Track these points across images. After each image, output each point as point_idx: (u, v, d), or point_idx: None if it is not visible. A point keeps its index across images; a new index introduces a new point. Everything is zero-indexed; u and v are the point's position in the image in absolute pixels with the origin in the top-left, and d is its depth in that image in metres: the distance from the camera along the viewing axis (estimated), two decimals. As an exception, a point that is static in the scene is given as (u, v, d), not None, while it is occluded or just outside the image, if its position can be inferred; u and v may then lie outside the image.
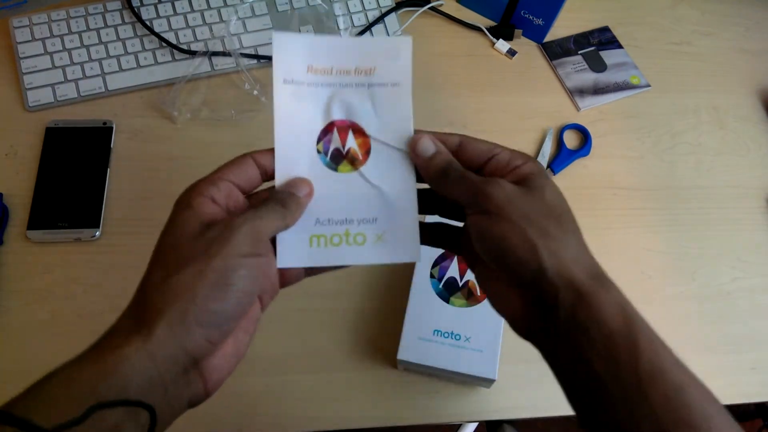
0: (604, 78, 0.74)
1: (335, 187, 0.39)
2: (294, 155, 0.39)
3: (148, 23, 0.69)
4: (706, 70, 0.77)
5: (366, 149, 0.44)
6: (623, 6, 0.80)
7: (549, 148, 0.69)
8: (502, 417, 0.57)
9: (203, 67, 0.69)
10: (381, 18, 0.74)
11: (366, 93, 0.39)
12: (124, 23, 0.70)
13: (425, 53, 0.75)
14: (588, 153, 0.69)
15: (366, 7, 0.75)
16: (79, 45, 0.68)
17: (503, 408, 0.57)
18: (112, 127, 0.65)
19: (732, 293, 0.64)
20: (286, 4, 0.73)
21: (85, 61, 0.68)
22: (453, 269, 0.55)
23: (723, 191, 0.69)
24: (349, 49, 0.39)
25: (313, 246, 0.37)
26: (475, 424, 1.19)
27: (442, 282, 0.55)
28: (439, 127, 0.72)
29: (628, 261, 0.64)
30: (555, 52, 0.76)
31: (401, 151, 0.38)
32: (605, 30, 0.78)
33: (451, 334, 0.52)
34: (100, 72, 0.68)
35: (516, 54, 0.75)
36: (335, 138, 0.41)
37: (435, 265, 0.55)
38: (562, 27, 0.77)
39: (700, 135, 0.72)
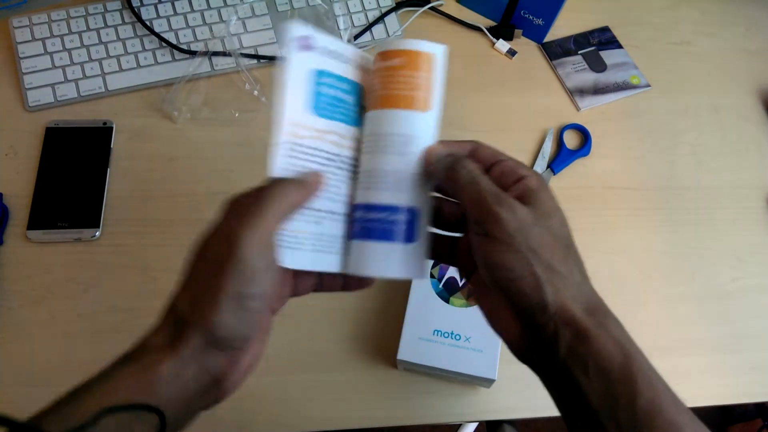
0: (604, 78, 0.74)
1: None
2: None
3: (148, 23, 0.69)
4: (706, 70, 0.77)
5: None
6: (623, 6, 0.80)
7: (549, 148, 0.69)
8: (502, 417, 0.57)
9: (203, 67, 0.69)
10: (381, 18, 0.74)
11: None
12: (124, 23, 0.70)
13: (425, 53, 0.74)
14: (588, 153, 0.69)
15: (366, 7, 0.75)
16: (79, 45, 0.68)
17: (503, 408, 0.57)
18: (112, 127, 0.65)
19: (732, 293, 0.64)
20: (286, 4, 0.73)
21: (85, 61, 0.68)
22: (453, 269, 0.55)
23: (723, 191, 0.69)
24: None
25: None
26: (475, 424, 1.19)
27: (442, 282, 0.55)
28: (440, 128, 0.72)
29: (628, 261, 0.64)
30: (555, 52, 0.76)
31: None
32: (605, 30, 0.78)
33: (451, 334, 0.52)
34: (100, 72, 0.68)
35: (516, 54, 0.75)
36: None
37: (435, 265, 0.55)
38: (562, 27, 0.77)
39: (700, 135, 0.72)
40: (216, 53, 0.69)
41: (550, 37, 0.76)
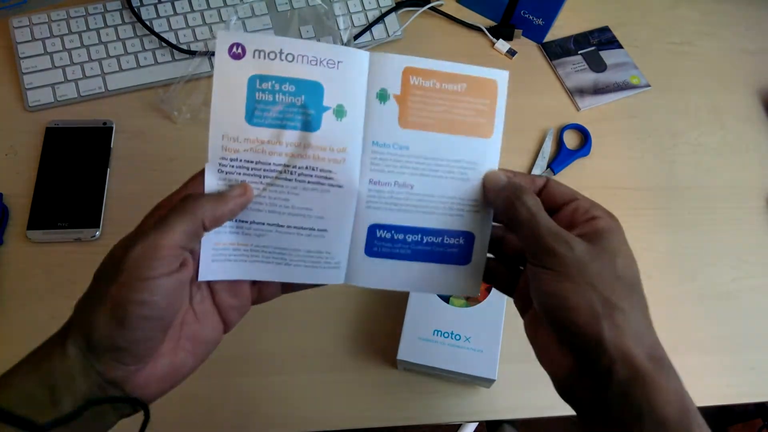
0: (604, 78, 0.74)
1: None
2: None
3: (148, 23, 0.69)
4: (706, 70, 0.77)
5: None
6: (623, 6, 0.80)
7: (549, 148, 0.69)
8: (502, 417, 0.57)
9: (203, 67, 0.69)
10: (381, 18, 0.74)
11: None
12: (124, 23, 0.70)
13: (425, 53, 0.74)
14: (588, 153, 0.69)
15: (366, 7, 0.75)
16: (79, 45, 0.68)
17: (503, 408, 0.57)
18: (112, 127, 0.65)
19: (732, 293, 0.64)
20: (286, 4, 0.73)
21: (85, 61, 0.68)
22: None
23: (723, 191, 0.69)
24: None
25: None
26: (475, 424, 1.19)
27: (442, 282, 0.55)
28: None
29: (628, 261, 0.64)
30: (555, 52, 0.76)
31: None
32: (605, 30, 0.78)
33: (451, 334, 0.52)
34: (100, 72, 0.68)
35: (516, 54, 0.75)
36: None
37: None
38: (562, 27, 0.77)
39: (700, 135, 0.72)
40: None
41: (550, 37, 0.76)
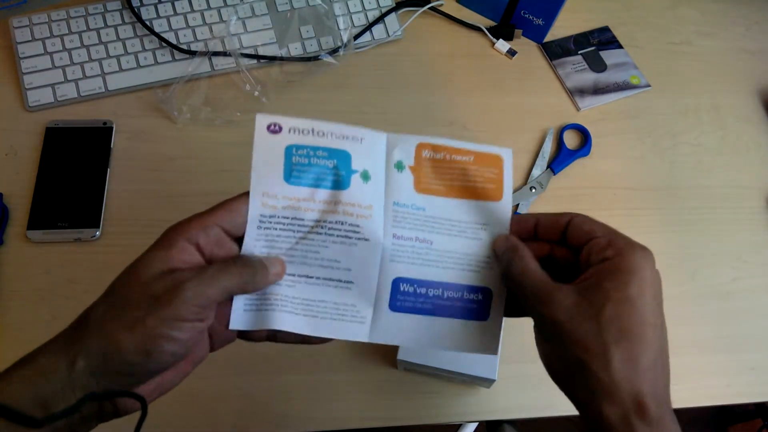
0: (604, 78, 0.74)
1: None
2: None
3: (148, 23, 0.69)
4: (706, 70, 0.77)
5: None
6: (623, 6, 0.80)
7: (549, 148, 0.69)
8: (502, 417, 0.57)
9: (203, 67, 0.69)
10: (381, 18, 0.74)
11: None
12: (124, 23, 0.70)
13: (425, 53, 0.75)
14: (588, 153, 0.69)
15: (366, 7, 0.75)
16: (79, 45, 0.68)
17: (503, 408, 0.57)
18: (112, 127, 0.66)
19: (732, 293, 0.64)
20: (286, 4, 0.73)
21: (85, 61, 0.68)
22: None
23: (723, 191, 0.69)
24: None
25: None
26: (475, 424, 1.19)
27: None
28: (439, 127, 0.72)
29: (628, 261, 0.64)
30: (555, 52, 0.76)
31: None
32: (605, 30, 0.78)
33: (451, 334, 0.52)
34: (100, 72, 0.68)
35: (516, 54, 0.75)
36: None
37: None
38: (562, 27, 0.77)
39: (700, 135, 0.72)
40: (216, 53, 0.69)
41: (550, 37, 0.76)
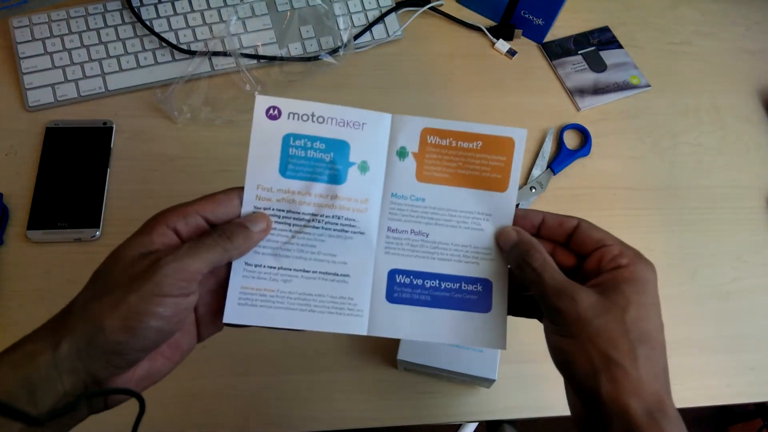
0: (604, 78, 0.74)
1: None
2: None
3: (148, 23, 0.69)
4: (706, 70, 0.77)
5: None
6: (623, 6, 0.80)
7: (549, 148, 0.69)
8: (502, 417, 0.57)
9: (203, 67, 0.69)
10: (381, 18, 0.74)
11: None
12: (124, 23, 0.70)
13: (425, 53, 0.75)
14: (588, 153, 0.69)
15: (366, 7, 0.75)
16: (79, 45, 0.68)
17: (503, 408, 0.57)
18: (112, 127, 0.66)
19: (732, 293, 0.64)
20: (286, 4, 0.73)
21: (85, 61, 0.68)
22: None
23: (723, 191, 0.69)
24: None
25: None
26: (475, 424, 1.19)
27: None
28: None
29: (628, 261, 0.64)
30: (555, 52, 0.76)
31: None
32: (605, 30, 0.78)
33: (451, 334, 0.52)
34: (100, 72, 0.68)
35: (516, 54, 0.75)
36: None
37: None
38: (562, 27, 0.77)
39: (700, 135, 0.72)
40: (216, 53, 0.69)
41: (550, 37, 0.76)
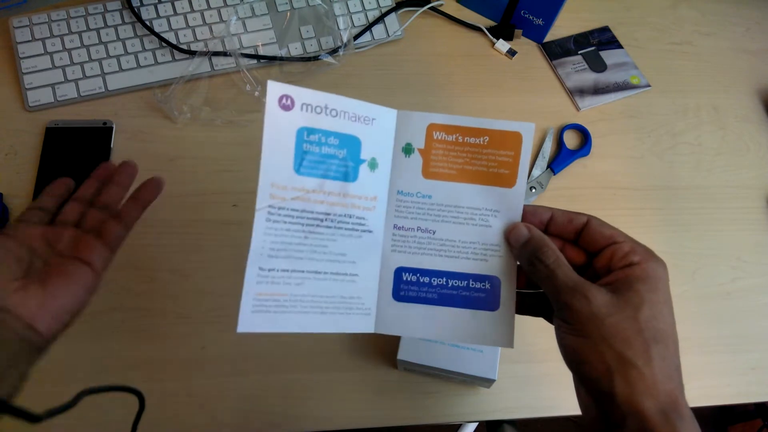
0: (604, 78, 0.74)
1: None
2: None
3: (148, 23, 0.69)
4: (706, 70, 0.77)
5: None
6: (623, 6, 0.80)
7: (549, 148, 0.69)
8: (502, 417, 0.57)
9: (203, 67, 0.69)
10: (381, 18, 0.74)
11: None
12: (124, 23, 0.70)
13: (425, 53, 0.75)
14: (588, 153, 0.69)
15: (366, 7, 0.75)
16: (79, 45, 0.68)
17: (503, 408, 0.57)
18: (112, 127, 0.65)
19: (732, 293, 0.64)
20: (286, 4, 0.73)
21: (85, 61, 0.68)
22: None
23: (723, 191, 0.69)
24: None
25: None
26: (475, 424, 1.19)
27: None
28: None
29: (628, 261, 0.64)
30: (555, 52, 0.76)
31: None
32: (605, 30, 0.78)
33: (451, 334, 0.52)
34: (100, 72, 0.68)
35: (516, 54, 0.75)
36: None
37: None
38: (562, 27, 0.77)
39: (700, 135, 0.72)
40: (216, 53, 0.69)
41: (550, 37, 0.76)
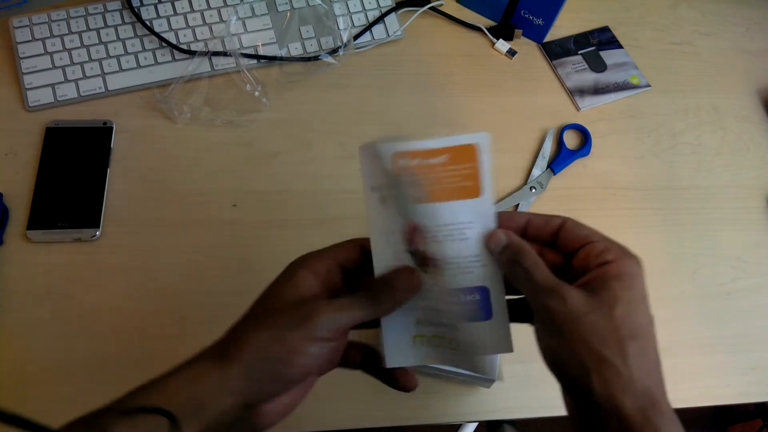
0: (604, 78, 0.74)
1: (429, 289, 0.40)
2: (387, 254, 0.40)
3: (148, 23, 0.69)
4: (706, 70, 0.77)
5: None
6: (623, 6, 0.80)
7: (549, 148, 0.69)
8: (502, 417, 0.57)
9: (203, 67, 0.69)
10: (381, 18, 0.74)
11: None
12: (124, 23, 0.70)
13: (425, 53, 0.75)
14: (588, 153, 0.69)
15: (366, 7, 0.75)
16: (79, 45, 0.68)
17: (503, 408, 0.57)
18: (112, 127, 0.65)
19: (732, 293, 0.64)
20: (286, 4, 0.73)
21: (85, 61, 0.68)
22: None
23: (723, 191, 0.69)
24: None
25: (416, 346, 0.39)
26: (475, 424, 1.19)
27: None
28: (439, 127, 0.72)
29: (628, 261, 0.64)
30: (555, 52, 0.76)
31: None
32: (605, 30, 0.78)
33: (451, 334, 0.52)
34: (100, 72, 0.68)
35: (516, 54, 0.75)
36: (422, 239, 0.41)
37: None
38: (562, 27, 0.77)
39: (700, 135, 0.72)
40: (216, 53, 0.69)
41: (550, 37, 0.76)
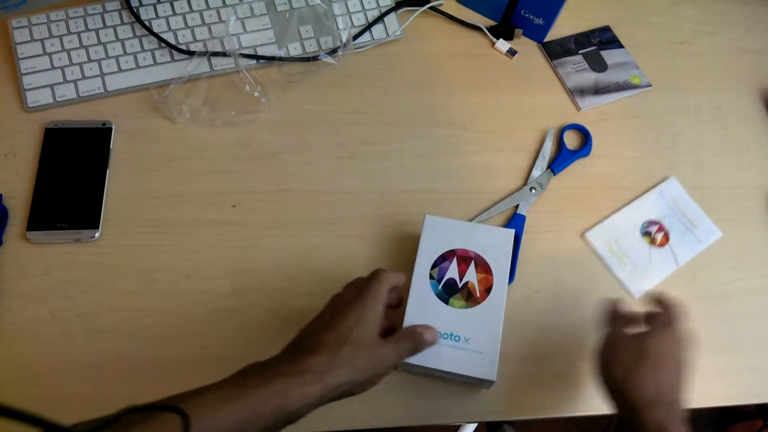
0: (604, 78, 0.74)
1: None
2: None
3: (146, 23, 0.69)
4: (707, 69, 0.77)
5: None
6: (624, 5, 0.80)
7: (549, 148, 0.69)
8: (501, 418, 0.57)
9: (202, 68, 0.69)
10: (381, 18, 0.74)
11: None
12: (123, 24, 0.70)
13: (425, 53, 0.74)
14: (588, 153, 0.69)
15: (365, 7, 0.74)
16: (78, 45, 0.68)
17: (503, 409, 0.57)
18: (111, 128, 0.65)
19: (732, 293, 0.63)
20: (285, 4, 0.73)
21: (84, 62, 0.68)
22: (452, 270, 0.55)
23: (723, 191, 0.69)
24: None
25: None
26: (475, 424, 1.19)
27: (441, 283, 0.54)
28: (439, 127, 0.72)
29: (628, 261, 0.64)
30: (555, 51, 0.76)
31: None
32: (606, 29, 0.78)
33: (451, 335, 0.52)
34: (99, 72, 0.68)
35: (516, 54, 0.75)
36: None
37: (434, 266, 0.55)
38: (562, 26, 0.77)
39: (700, 135, 0.72)
40: (215, 53, 0.69)
41: (550, 37, 0.76)
